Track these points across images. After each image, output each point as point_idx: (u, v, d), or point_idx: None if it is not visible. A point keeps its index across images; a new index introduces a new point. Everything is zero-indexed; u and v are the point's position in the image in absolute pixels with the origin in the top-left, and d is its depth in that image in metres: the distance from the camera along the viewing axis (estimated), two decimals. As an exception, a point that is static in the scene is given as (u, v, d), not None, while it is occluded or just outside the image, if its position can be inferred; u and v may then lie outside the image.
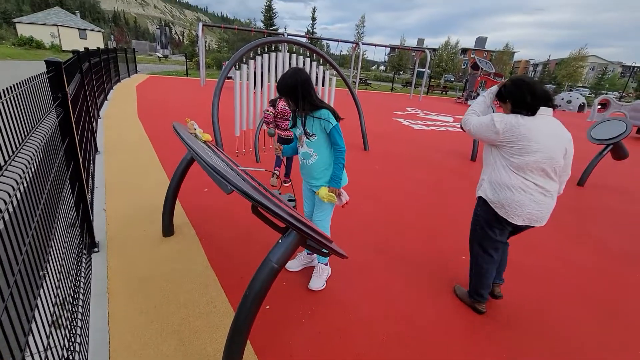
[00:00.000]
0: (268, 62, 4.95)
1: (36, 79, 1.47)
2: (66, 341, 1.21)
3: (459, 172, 5.29)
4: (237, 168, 2.07)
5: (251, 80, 4.82)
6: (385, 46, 19.32)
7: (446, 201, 3.99)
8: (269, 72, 5.01)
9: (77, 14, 43.55)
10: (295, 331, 1.85)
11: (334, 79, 5.63)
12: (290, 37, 5.54)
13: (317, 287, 2.19)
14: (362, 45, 17.84)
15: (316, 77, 5.45)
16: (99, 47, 8.14)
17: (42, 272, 1.07)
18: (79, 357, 1.36)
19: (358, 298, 2.16)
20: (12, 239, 0.87)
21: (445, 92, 27.26)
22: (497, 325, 2.04)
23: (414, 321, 2.01)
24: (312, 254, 2.39)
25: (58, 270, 1.33)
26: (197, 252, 2.48)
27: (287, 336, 1.81)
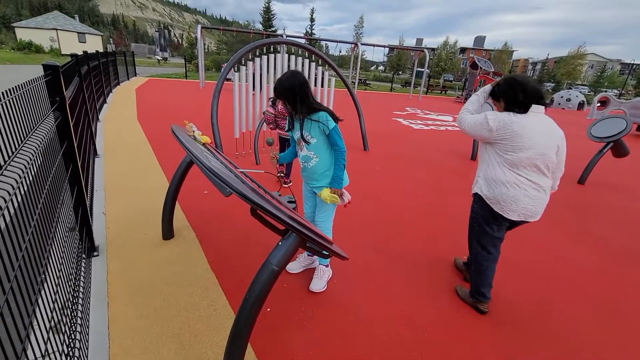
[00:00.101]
0: (267, 63, 4.95)
1: (32, 83, 1.46)
2: (65, 346, 1.20)
3: (459, 172, 5.28)
4: (236, 170, 2.07)
5: (250, 82, 4.82)
6: (384, 46, 19.33)
7: (446, 201, 3.98)
8: (268, 74, 5.01)
9: (76, 18, 43.68)
10: (296, 333, 1.84)
11: (333, 80, 5.63)
12: (288, 39, 5.55)
13: (318, 288, 2.18)
14: (361, 45, 17.85)
15: (315, 77, 5.45)
16: (98, 51, 8.14)
17: (40, 277, 1.07)
18: (78, 362, 1.35)
19: (359, 299, 2.16)
20: (9, 243, 0.86)
21: (444, 92, 27.28)
22: (498, 325, 2.03)
23: (415, 322, 2.00)
24: (313, 255, 2.38)
25: (57, 275, 1.33)
26: (197, 255, 2.47)
27: (288, 338, 1.80)
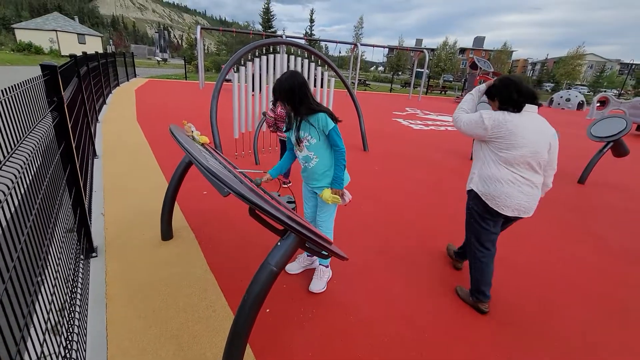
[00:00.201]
0: (266, 64, 4.94)
1: (29, 83, 1.45)
2: (62, 348, 1.19)
3: (458, 172, 5.27)
4: (235, 170, 2.06)
5: (250, 83, 4.82)
6: (384, 47, 19.34)
7: (446, 201, 3.97)
8: (267, 74, 5.01)
9: (76, 19, 43.74)
10: (296, 334, 1.83)
11: (332, 80, 5.63)
12: (288, 39, 5.55)
13: (317, 289, 2.17)
14: (361, 46, 17.86)
15: (315, 78, 5.45)
16: (97, 52, 8.13)
17: (36, 278, 1.06)
18: (76, 364, 1.34)
19: (359, 299, 2.15)
20: (3, 244, 0.85)
21: (444, 92, 27.29)
22: (498, 325, 2.02)
23: (415, 322, 1.99)
24: (313, 256, 2.37)
25: (54, 276, 1.32)
26: (196, 255, 2.46)
27: (288, 339, 1.79)
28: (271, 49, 5.47)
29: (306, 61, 5.25)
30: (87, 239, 2.33)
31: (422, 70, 19.77)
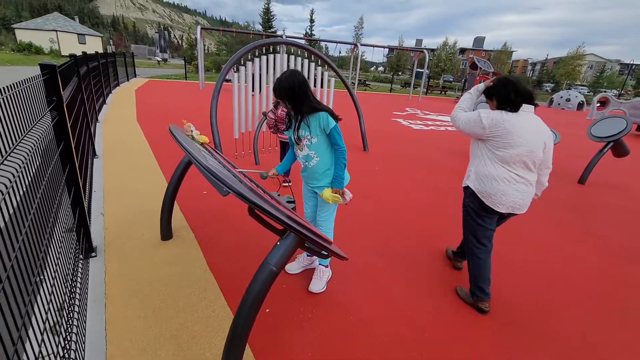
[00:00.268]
0: (266, 63, 4.94)
1: (28, 82, 1.45)
2: (60, 349, 1.18)
3: (458, 172, 5.26)
4: (235, 170, 2.05)
5: (250, 82, 4.81)
6: (384, 47, 19.34)
7: (446, 201, 3.97)
8: (267, 74, 5.00)
9: (76, 19, 43.75)
10: (296, 334, 1.82)
11: (332, 80, 5.62)
12: (288, 39, 5.54)
13: (317, 289, 2.17)
14: (361, 46, 17.85)
15: (315, 78, 5.44)
16: (97, 52, 8.13)
17: (34, 278, 1.05)
18: (74, 364, 1.33)
19: (358, 299, 2.14)
20: (1, 244, 0.84)
21: (444, 92, 27.28)
22: (498, 325, 2.01)
23: (415, 322, 1.98)
24: (312, 255, 2.37)
25: (52, 276, 1.31)
26: (196, 255, 2.46)
27: (287, 339, 1.78)
28: (271, 49, 5.46)
29: (306, 61, 5.25)
30: (86, 238, 2.32)
31: (422, 70, 19.77)
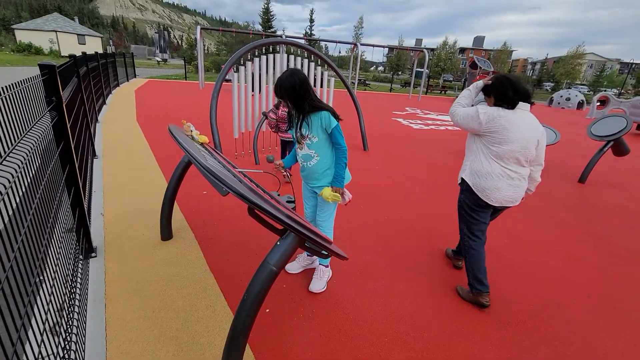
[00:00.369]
0: (266, 63, 4.93)
1: (27, 82, 1.45)
2: (60, 349, 1.18)
3: (458, 171, 5.25)
4: (234, 170, 2.05)
5: (249, 82, 4.81)
6: (384, 47, 19.33)
7: (446, 201, 3.96)
8: (267, 74, 5.00)
9: (76, 20, 43.75)
10: (296, 334, 1.82)
11: (332, 80, 5.62)
12: (288, 39, 5.53)
13: (317, 289, 2.17)
14: (361, 46, 17.83)
15: (314, 78, 5.44)
16: (97, 52, 8.13)
17: (33, 278, 1.05)
18: (74, 364, 1.33)
19: (359, 299, 2.14)
20: (0, 245, 0.84)
21: (444, 92, 27.27)
22: (499, 326, 2.01)
23: (415, 321, 1.98)
24: (313, 255, 2.36)
25: (52, 277, 1.31)
26: (196, 255, 2.46)
27: (288, 339, 1.78)
28: (271, 48, 5.46)
29: (306, 61, 5.25)
30: (86, 239, 2.32)
31: (422, 70, 19.75)
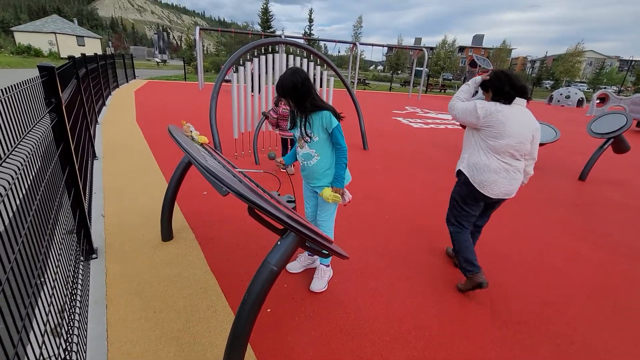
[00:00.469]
0: (265, 63, 4.93)
1: (27, 84, 1.45)
2: (62, 350, 1.18)
3: (459, 170, 5.25)
4: (234, 170, 2.05)
5: (249, 83, 4.81)
6: (383, 46, 19.27)
7: (447, 200, 3.94)
8: (267, 74, 5.00)
9: (75, 21, 43.71)
10: (297, 333, 1.82)
11: (331, 80, 5.62)
12: (287, 39, 5.52)
13: (318, 288, 2.17)
14: (360, 45, 17.81)
15: (314, 77, 5.44)
16: (96, 53, 8.13)
17: (34, 280, 1.05)
18: (76, 366, 1.33)
19: (360, 299, 2.14)
20: (1, 247, 0.84)
21: (443, 91, 27.24)
22: (500, 324, 2.01)
23: (417, 321, 1.98)
24: (314, 255, 2.36)
25: (53, 278, 1.31)
26: (197, 256, 2.46)
27: (289, 339, 1.78)
28: (270, 48, 5.45)
29: (305, 61, 5.24)
30: (87, 240, 2.32)
31: (422, 68, 19.71)
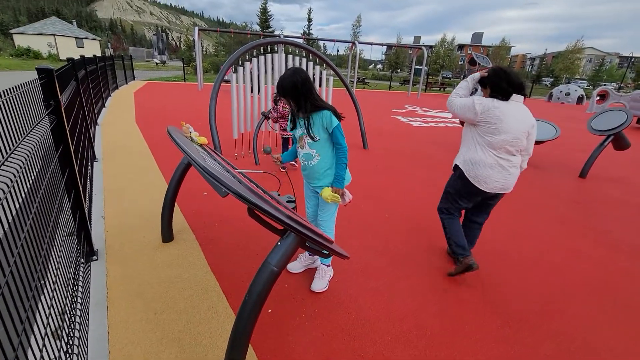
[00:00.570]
0: (264, 63, 4.93)
1: (25, 86, 1.44)
2: (63, 353, 1.18)
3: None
4: (234, 171, 2.05)
5: (248, 83, 4.80)
6: (382, 45, 19.27)
7: (447, 198, 3.95)
8: (266, 74, 5.00)
9: (74, 23, 43.71)
10: (298, 334, 1.82)
11: (331, 79, 5.61)
12: (286, 39, 5.50)
13: (319, 288, 2.16)
14: (359, 44, 17.80)
15: (313, 77, 5.43)
16: (95, 55, 8.13)
17: (34, 282, 1.05)
18: (77, 368, 1.33)
19: (361, 298, 2.14)
20: (1, 249, 0.84)
21: (443, 89, 27.21)
22: (502, 323, 2.00)
23: (418, 320, 1.98)
24: (314, 255, 2.36)
25: (54, 280, 1.31)
26: (197, 257, 2.46)
27: (290, 339, 1.78)
28: (269, 48, 5.45)
29: (304, 60, 5.24)
30: (87, 242, 2.32)
31: (421, 67, 19.68)
